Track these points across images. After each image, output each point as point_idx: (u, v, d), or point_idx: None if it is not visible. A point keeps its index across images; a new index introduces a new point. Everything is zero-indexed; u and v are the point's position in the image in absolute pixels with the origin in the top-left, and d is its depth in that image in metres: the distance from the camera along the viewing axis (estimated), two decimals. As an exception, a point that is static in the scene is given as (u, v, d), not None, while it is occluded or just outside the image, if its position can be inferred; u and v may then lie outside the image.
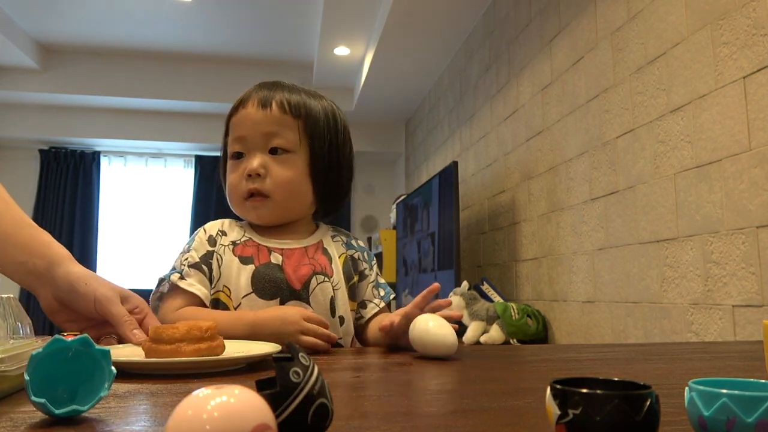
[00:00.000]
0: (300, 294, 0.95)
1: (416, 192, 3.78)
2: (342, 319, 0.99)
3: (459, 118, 3.78)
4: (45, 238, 0.83)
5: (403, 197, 4.17)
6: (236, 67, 5.09)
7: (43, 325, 5.13)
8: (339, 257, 1.04)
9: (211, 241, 1.00)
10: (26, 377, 0.41)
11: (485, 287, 2.76)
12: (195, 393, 0.29)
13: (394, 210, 4.33)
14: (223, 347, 0.69)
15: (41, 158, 5.53)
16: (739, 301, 1.45)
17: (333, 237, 1.07)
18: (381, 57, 3.91)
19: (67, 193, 5.48)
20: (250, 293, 0.94)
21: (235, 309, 0.95)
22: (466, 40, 3.65)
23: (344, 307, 1.00)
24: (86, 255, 5.45)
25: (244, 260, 0.96)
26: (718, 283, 1.52)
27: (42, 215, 5.43)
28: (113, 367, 0.45)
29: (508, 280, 2.91)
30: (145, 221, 5.57)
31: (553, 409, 0.33)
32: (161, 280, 0.96)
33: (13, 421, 0.43)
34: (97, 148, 5.60)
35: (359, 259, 1.06)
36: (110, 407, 0.47)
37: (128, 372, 0.64)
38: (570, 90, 2.32)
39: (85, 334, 0.45)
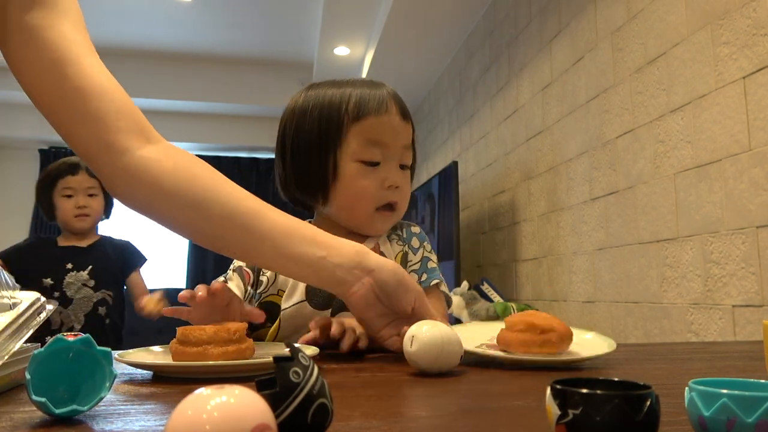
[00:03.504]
0: None
1: (416, 192, 3.78)
2: None
3: (459, 118, 3.78)
4: (325, 233, 0.76)
5: (403, 197, 4.17)
6: (236, 67, 5.09)
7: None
8: (395, 258, 1.01)
9: None
10: (27, 376, 0.41)
11: (485, 287, 2.76)
12: (195, 393, 0.29)
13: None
14: (253, 349, 0.66)
15: (41, 158, 5.53)
16: (739, 301, 1.45)
17: (389, 236, 1.04)
18: (381, 57, 3.91)
19: (67, 193, 5.48)
20: (302, 301, 0.93)
21: (285, 310, 0.93)
22: (466, 40, 3.65)
23: None
24: (86, 255, 5.46)
25: None
26: (718, 283, 1.52)
27: (42, 215, 5.43)
28: (115, 367, 0.45)
29: (508, 280, 2.91)
30: (145, 221, 5.57)
31: (553, 409, 0.33)
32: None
33: (13, 421, 0.43)
34: (97, 148, 5.60)
35: (408, 250, 1.03)
36: (110, 407, 0.47)
37: (161, 376, 0.63)
38: (570, 90, 2.32)
39: (87, 335, 0.45)
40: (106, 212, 2.18)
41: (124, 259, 2.17)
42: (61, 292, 2.00)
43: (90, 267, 2.05)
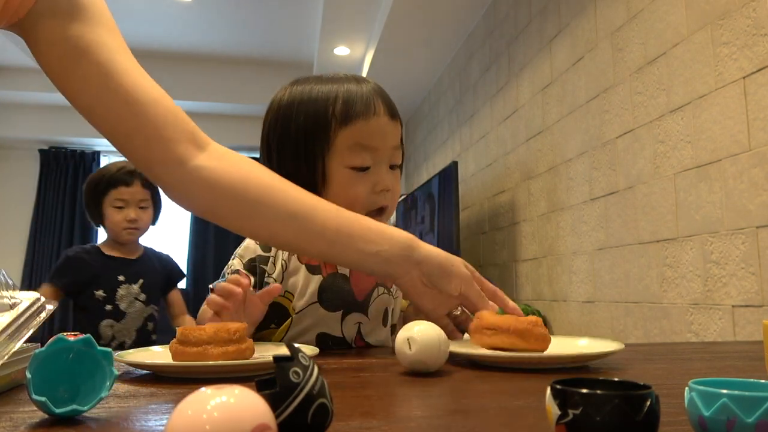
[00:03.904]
0: (361, 305, 0.95)
1: (416, 192, 3.78)
2: (394, 328, 1.00)
3: (459, 118, 3.78)
4: (375, 224, 0.81)
5: (402, 197, 4.17)
6: (236, 67, 5.09)
7: (42, 329, 5.12)
8: None
9: (266, 247, 0.96)
10: (28, 375, 0.41)
11: (485, 287, 2.76)
12: (195, 393, 0.29)
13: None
14: (253, 350, 0.66)
15: (41, 158, 5.53)
16: (739, 301, 1.45)
17: None
18: (381, 57, 3.91)
19: (67, 193, 5.48)
20: (314, 303, 0.93)
21: (296, 314, 0.93)
22: (466, 40, 3.65)
23: (397, 316, 1.01)
24: (86, 255, 5.45)
25: (312, 269, 0.95)
26: (718, 283, 1.52)
27: (42, 215, 5.43)
28: (115, 367, 0.45)
29: (508, 280, 2.91)
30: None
31: (553, 409, 0.33)
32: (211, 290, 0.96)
33: (13, 421, 0.43)
34: (97, 148, 5.60)
35: None
36: (110, 407, 0.47)
37: (161, 376, 0.63)
38: (570, 90, 2.32)
39: (88, 335, 0.45)
40: (153, 221, 2.13)
41: (168, 273, 2.11)
42: (114, 305, 1.92)
43: (141, 281, 1.98)
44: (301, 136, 0.92)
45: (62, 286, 1.93)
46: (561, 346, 0.75)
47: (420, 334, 0.63)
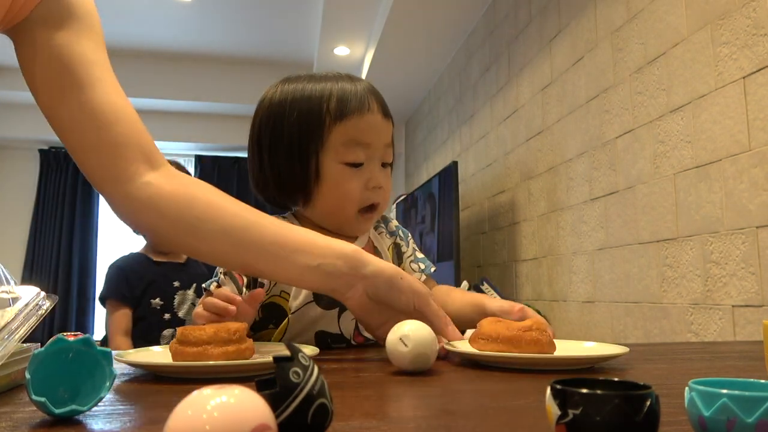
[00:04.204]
0: None
1: (416, 192, 3.78)
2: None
3: (459, 118, 3.78)
4: (320, 237, 0.77)
5: (402, 197, 4.17)
6: (236, 67, 5.09)
7: (42, 329, 5.12)
8: (387, 249, 1.04)
9: None
10: (27, 376, 0.41)
11: (485, 287, 2.76)
12: (195, 393, 0.29)
13: (394, 210, 4.33)
14: (253, 350, 0.66)
15: (41, 158, 5.53)
16: (739, 301, 1.45)
17: (376, 228, 1.06)
18: (381, 57, 3.91)
19: (67, 193, 5.48)
20: (310, 302, 0.93)
21: (293, 314, 0.92)
22: (466, 40, 3.65)
23: None
24: (86, 255, 5.45)
25: None
26: (718, 283, 1.52)
27: (42, 215, 5.43)
28: (115, 367, 0.45)
29: (508, 280, 2.91)
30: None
31: (553, 409, 0.33)
32: (204, 290, 0.94)
33: (13, 421, 0.43)
34: (97, 148, 5.60)
35: (400, 242, 1.08)
36: (110, 407, 0.47)
37: (161, 376, 0.63)
38: (570, 90, 2.32)
39: (88, 335, 0.45)
40: None
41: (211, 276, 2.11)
42: (172, 313, 1.87)
43: (195, 285, 1.94)
44: (295, 133, 0.92)
45: (126, 299, 1.86)
46: (563, 349, 0.75)
47: (412, 332, 0.63)
